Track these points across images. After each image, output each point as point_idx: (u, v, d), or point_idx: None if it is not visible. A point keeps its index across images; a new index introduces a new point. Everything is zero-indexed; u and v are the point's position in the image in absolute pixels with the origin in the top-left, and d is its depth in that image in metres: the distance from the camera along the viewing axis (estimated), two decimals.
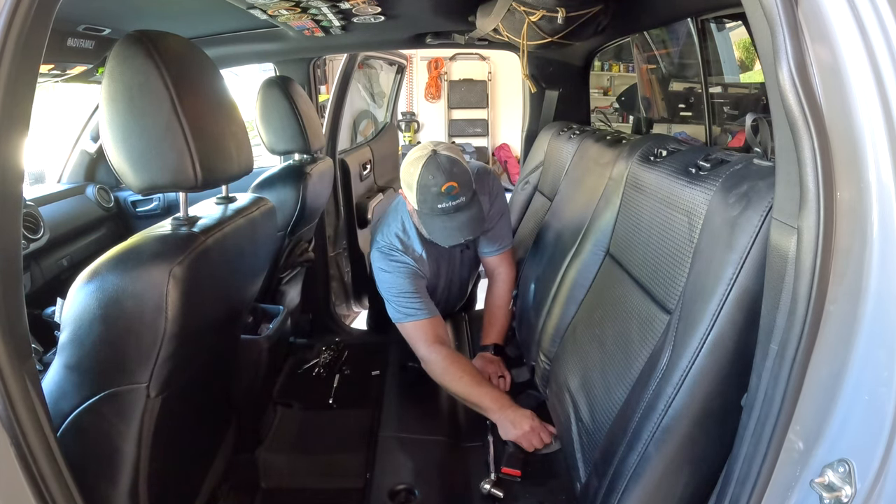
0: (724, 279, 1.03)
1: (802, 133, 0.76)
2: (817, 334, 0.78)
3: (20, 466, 0.83)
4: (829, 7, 0.75)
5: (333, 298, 3.28)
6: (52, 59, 2.05)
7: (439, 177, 1.79)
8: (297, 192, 2.31)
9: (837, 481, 0.76)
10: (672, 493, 1.14)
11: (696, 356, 1.06)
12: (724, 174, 1.15)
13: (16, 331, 0.83)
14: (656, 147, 1.55)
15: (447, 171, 1.79)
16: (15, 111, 0.80)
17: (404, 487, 1.69)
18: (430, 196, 1.80)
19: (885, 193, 0.72)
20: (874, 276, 0.73)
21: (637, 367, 1.26)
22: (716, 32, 2.10)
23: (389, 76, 4.45)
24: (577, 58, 2.88)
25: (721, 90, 3.04)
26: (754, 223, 1.00)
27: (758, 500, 0.87)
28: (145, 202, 3.06)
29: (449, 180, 1.79)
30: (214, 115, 1.23)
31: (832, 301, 0.77)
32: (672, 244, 1.26)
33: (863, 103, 0.73)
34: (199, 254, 1.16)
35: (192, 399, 1.42)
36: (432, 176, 1.79)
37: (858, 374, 0.75)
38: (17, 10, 0.77)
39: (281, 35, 2.43)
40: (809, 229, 0.77)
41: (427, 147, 1.87)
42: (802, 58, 0.76)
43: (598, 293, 1.63)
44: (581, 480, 1.42)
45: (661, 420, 1.11)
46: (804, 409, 0.81)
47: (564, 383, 1.61)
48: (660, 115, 4.46)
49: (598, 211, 1.75)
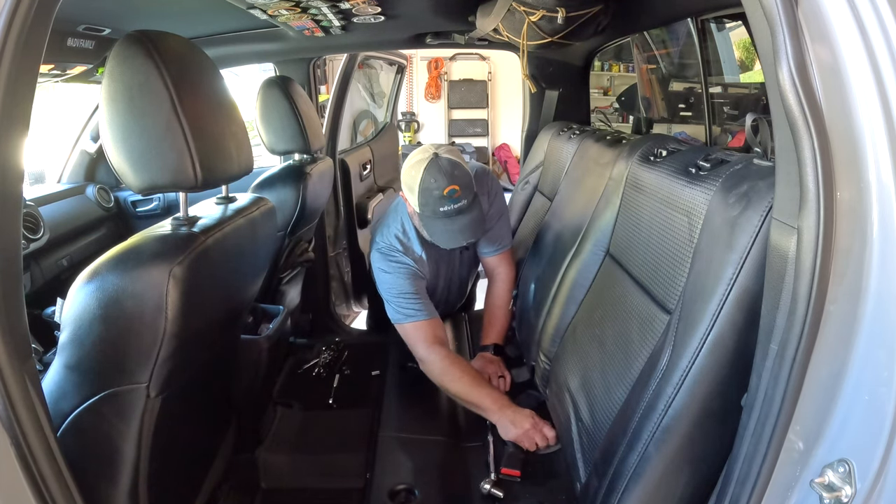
0: (724, 279, 1.03)
1: (802, 133, 0.76)
2: (817, 334, 0.78)
3: (20, 466, 0.83)
4: (829, 7, 0.75)
5: (333, 298, 3.28)
6: (52, 59, 2.04)
7: (441, 180, 1.79)
8: (297, 192, 2.30)
9: (837, 481, 0.76)
10: (672, 492, 1.14)
11: (696, 356, 1.06)
12: (724, 174, 1.15)
13: (16, 331, 0.83)
14: (656, 147, 1.55)
15: (449, 174, 1.80)
16: (15, 111, 0.80)
17: (404, 487, 1.68)
18: (432, 199, 1.81)
19: (885, 193, 0.72)
20: (874, 276, 0.73)
21: (637, 367, 1.26)
22: (716, 32, 2.10)
23: (389, 76, 4.45)
24: (577, 58, 2.88)
25: (721, 90, 3.04)
26: (754, 223, 0.99)
27: (758, 500, 0.87)
28: (145, 202, 3.05)
29: (451, 183, 1.79)
30: (214, 115, 1.23)
31: (832, 301, 0.77)
32: (672, 244, 1.26)
33: (863, 103, 0.73)
34: (199, 254, 1.15)
35: (192, 399, 1.42)
36: (434, 179, 1.80)
37: (858, 374, 0.75)
38: (17, 10, 0.77)
39: (281, 35, 2.43)
40: (809, 229, 0.77)
41: (428, 150, 1.87)
42: (802, 58, 0.76)
43: (598, 293, 1.63)
44: (581, 480, 1.42)
45: (661, 420, 1.11)
46: (804, 409, 0.81)
47: (564, 383, 1.61)
48: (660, 115, 4.46)
49: (598, 211, 1.75)
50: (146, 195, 2.85)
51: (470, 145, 8.88)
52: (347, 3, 1.92)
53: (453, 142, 8.94)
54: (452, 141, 8.97)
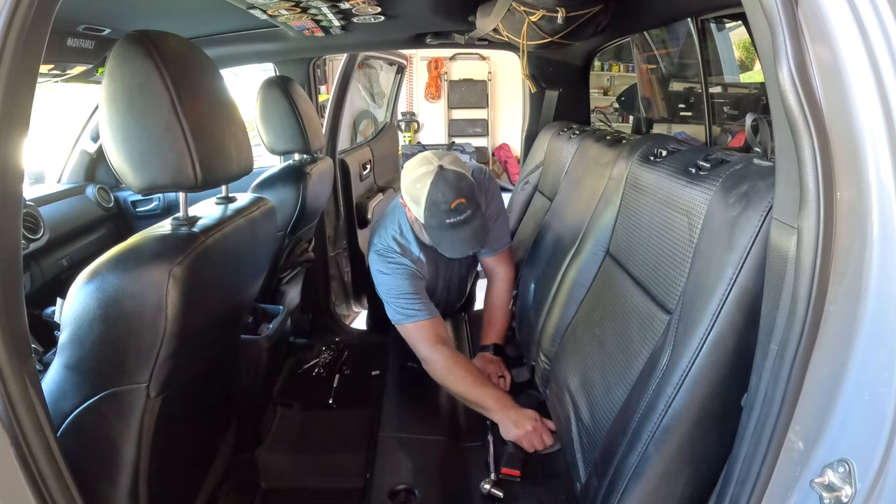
0: (724, 279, 1.03)
1: (802, 133, 0.76)
2: (817, 334, 0.78)
3: (20, 466, 0.83)
4: (829, 7, 0.75)
5: (333, 298, 3.27)
6: (52, 59, 2.04)
7: (449, 194, 1.80)
8: (297, 193, 2.30)
9: (837, 481, 0.76)
10: (672, 492, 1.14)
11: (696, 356, 1.06)
12: (724, 174, 1.15)
13: (16, 331, 0.83)
14: (656, 147, 1.55)
15: (455, 187, 1.81)
16: (15, 111, 0.80)
17: (404, 487, 1.68)
18: (439, 212, 1.82)
19: (885, 193, 0.72)
20: (874, 276, 0.73)
21: (637, 367, 1.26)
22: (716, 32, 2.10)
23: (389, 76, 4.44)
24: (577, 58, 2.88)
25: (721, 90, 3.03)
26: (754, 223, 0.99)
27: (758, 500, 0.87)
28: (145, 202, 3.05)
29: (458, 197, 1.81)
30: (214, 115, 1.23)
31: (832, 301, 0.77)
32: (672, 244, 1.26)
33: (863, 103, 0.73)
34: (199, 254, 1.15)
35: (192, 399, 1.42)
36: (442, 194, 1.80)
37: (858, 374, 0.75)
38: (17, 10, 0.77)
39: (281, 35, 2.43)
40: (809, 229, 0.77)
41: (432, 161, 1.86)
42: (802, 58, 0.76)
43: (598, 293, 1.63)
44: (581, 480, 1.42)
45: (661, 420, 1.11)
46: (804, 409, 0.81)
47: (564, 383, 1.61)
48: (660, 115, 4.46)
49: (598, 211, 1.74)
50: (146, 195, 2.86)
51: (470, 145, 8.88)
52: (347, 3, 1.92)
53: (453, 142, 8.94)
54: (452, 141, 8.97)
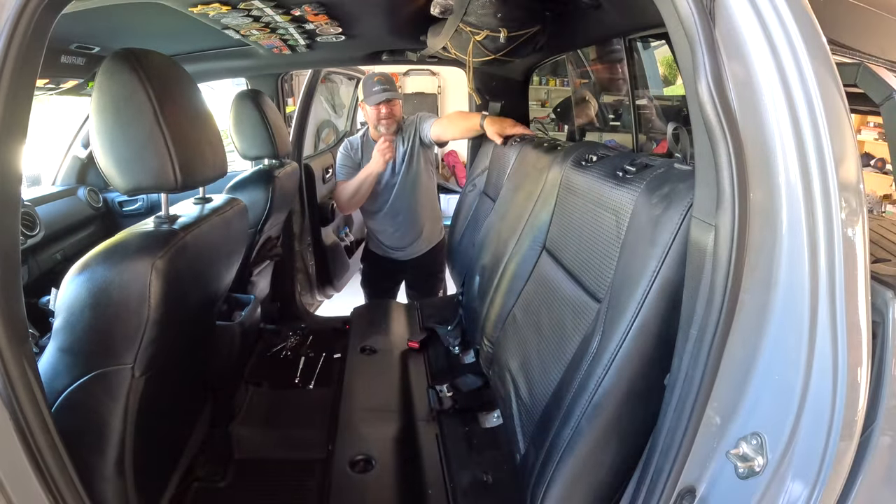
0: (649, 271, 1.01)
1: (719, 140, 0.76)
2: (732, 321, 0.78)
3: (18, 439, 0.84)
4: (743, 27, 0.75)
5: (299, 289, 3.24)
6: (47, 75, 2.05)
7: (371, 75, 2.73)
8: (267, 194, 2.32)
9: (751, 452, 0.76)
10: (602, 462, 1.13)
11: (624, 340, 1.05)
12: (649, 177, 1.14)
13: (14, 317, 0.84)
14: (588, 153, 1.55)
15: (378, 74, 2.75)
16: (14, 121, 0.81)
17: (363, 458, 1.68)
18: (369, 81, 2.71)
19: (793, 194, 0.72)
20: (783, 269, 0.73)
21: (570, 351, 1.24)
22: (642, 51, 2.11)
23: (349, 89, 4.46)
24: (517, 73, 2.87)
25: (647, 102, 3.06)
26: (675, 221, 0.98)
27: (679, 469, 0.86)
28: (131, 202, 3.03)
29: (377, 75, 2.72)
30: (192, 124, 1.25)
31: (746, 291, 0.77)
32: (602, 240, 1.25)
33: (773, 113, 0.74)
34: (178, 248, 1.18)
35: (172, 378, 1.44)
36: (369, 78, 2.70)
37: (770, 356, 0.75)
38: (16, 30, 0.79)
39: (252, 53, 2.43)
40: (725, 226, 0.77)
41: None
42: (719, 73, 0.76)
43: (536, 284, 1.61)
44: (521, 452, 1.40)
45: (591, 398, 1.09)
46: (721, 387, 0.81)
47: (506, 365, 1.59)
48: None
49: (536, 210, 1.73)
50: (131, 196, 2.92)
51: None
52: (311, 24, 1.93)
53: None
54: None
